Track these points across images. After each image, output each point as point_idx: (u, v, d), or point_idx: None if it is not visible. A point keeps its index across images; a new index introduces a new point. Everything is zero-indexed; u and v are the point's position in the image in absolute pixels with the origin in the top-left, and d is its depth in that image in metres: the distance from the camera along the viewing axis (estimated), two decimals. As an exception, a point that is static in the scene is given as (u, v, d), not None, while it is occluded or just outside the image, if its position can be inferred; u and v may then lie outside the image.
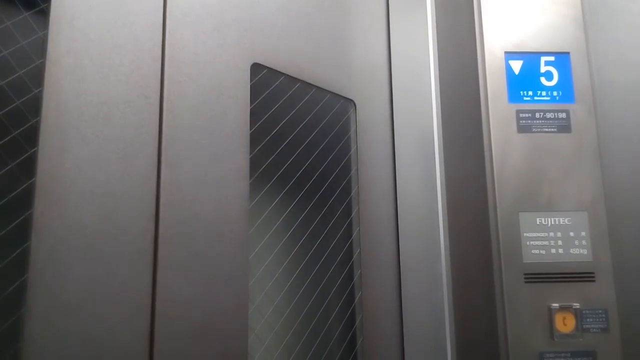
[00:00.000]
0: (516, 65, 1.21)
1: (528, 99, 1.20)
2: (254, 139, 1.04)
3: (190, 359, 0.88)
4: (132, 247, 0.85)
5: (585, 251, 1.13)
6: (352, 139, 1.24)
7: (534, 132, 1.18)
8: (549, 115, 1.19)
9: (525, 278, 1.11)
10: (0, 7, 0.80)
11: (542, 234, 1.14)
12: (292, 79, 1.13)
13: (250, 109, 1.04)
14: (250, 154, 1.02)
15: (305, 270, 1.10)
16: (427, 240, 1.32)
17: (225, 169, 0.98)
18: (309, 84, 1.16)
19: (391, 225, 1.27)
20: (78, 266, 0.80)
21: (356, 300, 1.17)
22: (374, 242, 1.22)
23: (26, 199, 0.77)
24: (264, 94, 1.08)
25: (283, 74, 1.12)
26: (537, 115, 1.19)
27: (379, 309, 1.20)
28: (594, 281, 1.12)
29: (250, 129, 1.03)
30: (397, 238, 1.27)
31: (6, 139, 0.77)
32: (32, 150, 0.79)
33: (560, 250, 1.13)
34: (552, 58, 1.22)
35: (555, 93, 1.21)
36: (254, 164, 1.03)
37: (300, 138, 1.13)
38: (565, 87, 1.21)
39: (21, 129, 0.79)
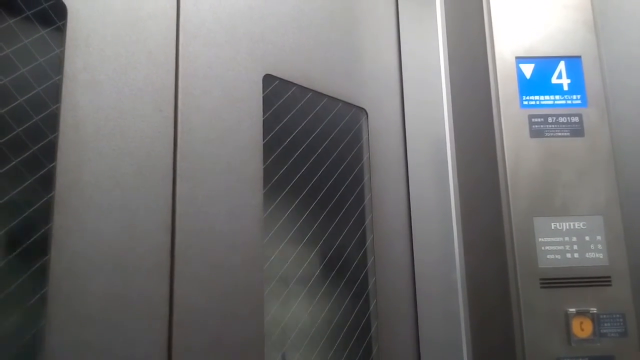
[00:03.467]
0: (527, 70, 1.21)
1: (540, 103, 1.20)
2: (267, 149, 1.05)
3: (208, 368, 0.89)
4: (149, 259, 0.87)
5: (601, 255, 1.13)
6: (364, 147, 1.25)
7: (547, 136, 1.18)
8: (561, 119, 1.19)
9: (541, 283, 1.11)
10: (17, 25, 0.82)
11: (557, 239, 1.13)
12: (304, 89, 1.14)
13: (263, 120, 1.05)
14: (264, 164, 1.03)
15: (320, 278, 1.10)
16: (441, 246, 1.31)
17: (239, 179, 0.99)
18: (321, 93, 1.17)
19: (405, 232, 1.27)
20: (96, 278, 0.81)
21: (371, 308, 1.17)
22: (388, 249, 1.22)
23: (45, 213, 0.79)
24: (277, 105, 1.09)
25: (295, 84, 1.13)
26: (550, 119, 1.19)
27: (394, 316, 1.20)
28: (610, 285, 1.11)
29: (264, 140, 1.04)
30: (411, 245, 1.27)
31: (25, 155, 0.79)
32: (51, 165, 0.80)
33: (576, 255, 1.13)
34: (563, 62, 1.22)
35: (567, 97, 1.20)
36: (268, 174, 1.04)
37: (312, 147, 1.14)
38: (578, 90, 1.20)
39: (40, 145, 0.80)
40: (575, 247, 1.13)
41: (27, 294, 0.76)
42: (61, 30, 0.84)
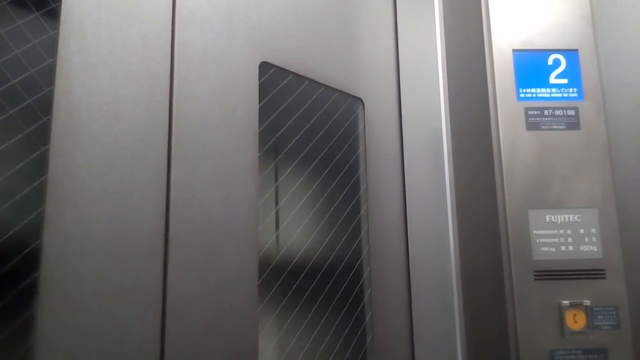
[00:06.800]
0: (524, 63, 1.21)
1: (536, 96, 1.20)
2: (263, 137, 1.04)
3: (201, 356, 0.89)
4: (142, 245, 0.86)
5: (595, 248, 1.13)
6: (360, 138, 1.24)
7: (543, 129, 1.18)
8: (557, 112, 1.19)
9: (535, 275, 1.11)
10: (11, 6, 0.80)
11: (551, 231, 1.13)
12: (301, 78, 1.14)
13: (259, 107, 1.04)
14: (259, 152, 1.03)
15: (314, 267, 1.10)
16: (436, 238, 1.31)
17: (235, 166, 0.99)
18: (317, 82, 1.16)
19: (400, 223, 1.27)
20: (89, 264, 0.80)
21: (365, 298, 1.17)
22: (383, 240, 1.22)
23: (38, 197, 0.78)
24: (273, 92, 1.08)
25: (291, 72, 1.12)
26: (546, 112, 1.19)
27: (388, 306, 1.20)
28: (604, 278, 1.12)
29: (259, 127, 1.04)
30: (406, 236, 1.27)
31: (18, 137, 0.78)
32: (44, 149, 0.79)
33: (570, 248, 1.13)
34: (560, 55, 1.22)
35: (564, 90, 1.20)
36: (263, 161, 1.04)
37: (308, 136, 1.14)
38: (574, 84, 1.21)
39: (32, 127, 0.79)
40: (569, 239, 1.13)
41: (18, 279, 0.75)
42: (55, 12, 0.83)
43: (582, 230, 1.14)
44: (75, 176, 0.81)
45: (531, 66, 1.21)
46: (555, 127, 1.18)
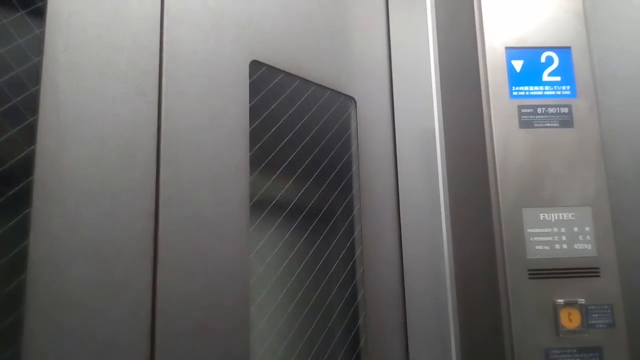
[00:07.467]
0: (517, 61, 1.20)
1: (529, 94, 1.19)
2: (254, 136, 1.04)
3: (192, 357, 0.88)
4: (131, 246, 0.85)
5: (589, 246, 1.12)
6: (352, 137, 1.24)
7: (536, 127, 1.17)
8: (550, 110, 1.18)
9: (529, 274, 1.10)
10: (-4, 5, 0.80)
11: (545, 230, 1.13)
12: (292, 76, 1.13)
13: (250, 107, 1.04)
14: (250, 151, 1.02)
15: (306, 268, 1.09)
16: (429, 237, 1.31)
17: (225, 166, 0.98)
18: (309, 81, 1.16)
19: (393, 223, 1.26)
20: (77, 265, 0.79)
21: (359, 298, 1.17)
22: (376, 239, 1.22)
23: (24, 198, 0.77)
24: (263, 92, 1.07)
25: (282, 71, 1.11)
26: (539, 110, 1.18)
27: (382, 306, 1.19)
28: (598, 276, 1.11)
29: (250, 127, 1.03)
30: (399, 235, 1.26)
31: (4, 137, 0.77)
32: (30, 149, 0.78)
33: (565, 246, 1.12)
34: (553, 53, 1.21)
35: (557, 88, 1.20)
36: (254, 161, 1.03)
37: (300, 135, 1.13)
38: (567, 81, 1.20)
39: (19, 127, 0.78)
40: (563, 238, 1.13)
41: (5, 280, 0.74)
42: (41, 10, 0.82)
43: (576, 229, 1.13)
44: (62, 177, 0.80)
45: (524, 64, 1.20)
46: (549, 124, 1.18)
